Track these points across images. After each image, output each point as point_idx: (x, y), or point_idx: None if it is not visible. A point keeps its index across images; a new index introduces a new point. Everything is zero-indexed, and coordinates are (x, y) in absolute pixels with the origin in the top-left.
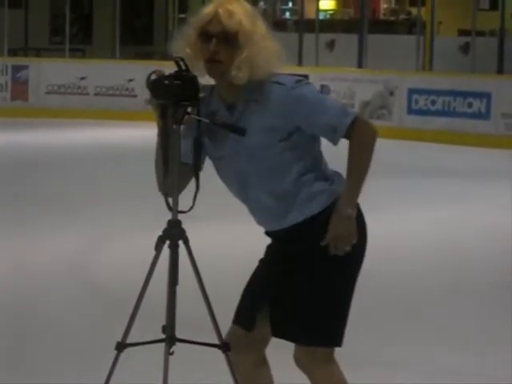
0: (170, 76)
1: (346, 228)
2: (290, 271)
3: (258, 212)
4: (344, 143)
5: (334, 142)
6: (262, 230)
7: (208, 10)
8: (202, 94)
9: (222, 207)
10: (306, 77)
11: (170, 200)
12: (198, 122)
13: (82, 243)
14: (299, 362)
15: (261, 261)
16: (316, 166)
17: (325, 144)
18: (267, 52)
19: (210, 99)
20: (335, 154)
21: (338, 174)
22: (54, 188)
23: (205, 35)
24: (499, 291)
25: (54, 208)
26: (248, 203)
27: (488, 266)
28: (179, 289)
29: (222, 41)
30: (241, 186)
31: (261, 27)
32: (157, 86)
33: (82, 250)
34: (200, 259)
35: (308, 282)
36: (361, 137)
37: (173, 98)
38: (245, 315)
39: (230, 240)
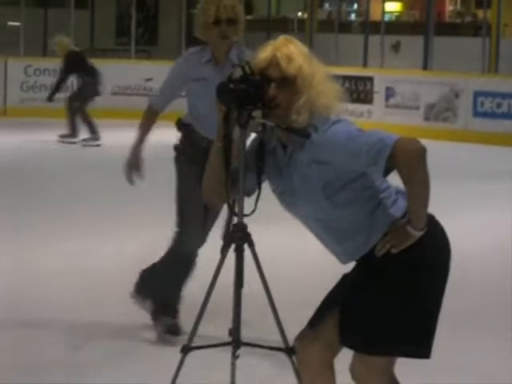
0: (236, 80)
1: (402, 238)
2: (360, 280)
3: (327, 247)
4: None
5: (379, 170)
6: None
7: (265, 53)
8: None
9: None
10: (370, 79)
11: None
12: (262, 126)
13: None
14: (354, 373)
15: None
16: (373, 203)
17: None
18: (326, 95)
19: (270, 136)
20: None
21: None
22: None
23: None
24: None
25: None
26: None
27: None
28: (244, 292)
29: (280, 85)
30: (305, 222)
31: (319, 69)
32: (222, 89)
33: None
34: (265, 262)
35: (372, 292)
36: (407, 161)
37: (237, 101)
38: (314, 315)
39: (294, 242)
